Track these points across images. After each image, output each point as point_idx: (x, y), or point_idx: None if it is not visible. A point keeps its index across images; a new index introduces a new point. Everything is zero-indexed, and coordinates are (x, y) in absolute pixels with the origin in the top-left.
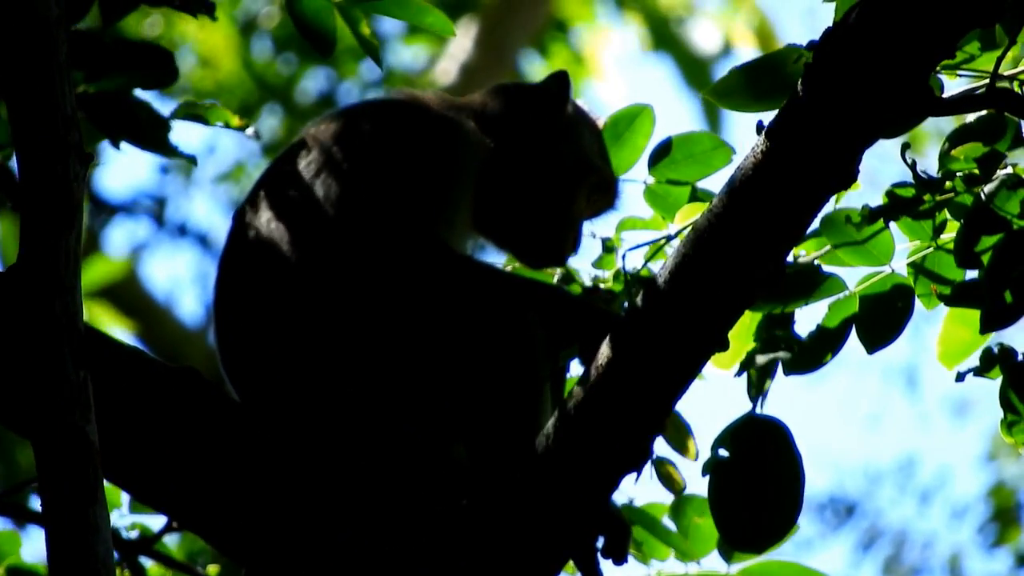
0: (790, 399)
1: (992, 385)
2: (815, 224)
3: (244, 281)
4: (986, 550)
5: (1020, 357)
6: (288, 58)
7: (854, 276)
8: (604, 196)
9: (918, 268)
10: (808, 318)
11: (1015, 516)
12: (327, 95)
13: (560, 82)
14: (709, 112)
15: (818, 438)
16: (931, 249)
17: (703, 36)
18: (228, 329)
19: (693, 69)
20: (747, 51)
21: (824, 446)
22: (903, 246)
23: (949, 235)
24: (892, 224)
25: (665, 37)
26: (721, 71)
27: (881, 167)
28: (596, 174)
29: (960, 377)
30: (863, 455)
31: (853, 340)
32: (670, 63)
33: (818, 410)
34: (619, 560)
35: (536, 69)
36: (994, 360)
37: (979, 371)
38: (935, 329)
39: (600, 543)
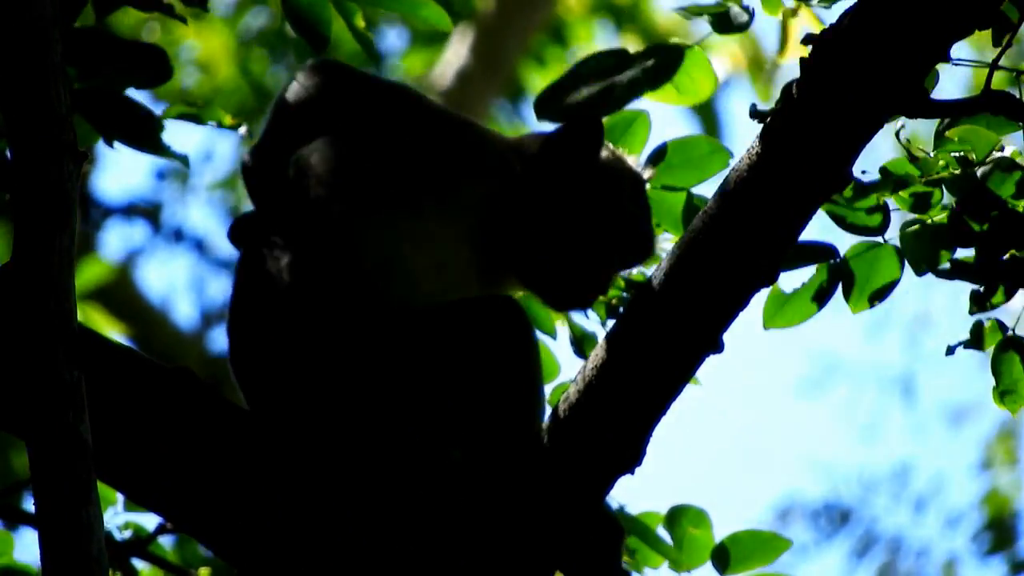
0: (787, 407)
1: (989, 395)
2: None
3: (255, 284)
4: (980, 558)
5: (1010, 332)
6: (286, 64)
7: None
8: (638, 248)
9: (911, 238)
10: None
11: (1010, 524)
12: None
13: (592, 125)
14: (707, 127)
15: (814, 446)
16: (921, 226)
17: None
18: (239, 330)
19: None
20: (743, 78)
21: (819, 454)
22: (897, 215)
23: (946, 202)
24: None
25: None
26: (721, 97)
27: (874, 171)
28: (630, 224)
29: (950, 351)
30: (858, 463)
31: (852, 347)
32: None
33: (814, 418)
34: (610, 565)
35: (533, 77)
36: (983, 332)
37: (969, 344)
38: (931, 338)
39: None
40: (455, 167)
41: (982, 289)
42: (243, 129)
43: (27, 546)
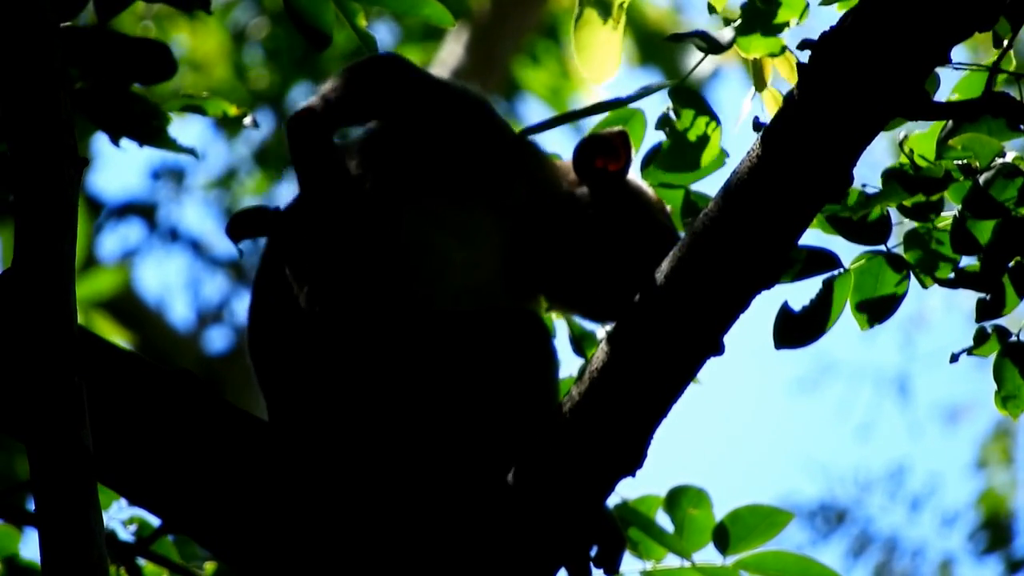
0: (783, 407)
1: (984, 395)
2: None
3: (278, 284)
4: (976, 557)
5: (1013, 338)
6: (280, 66)
7: (849, 253)
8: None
9: (914, 246)
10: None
11: (1006, 523)
12: None
13: (621, 139)
14: None
15: (809, 446)
16: (928, 231)
17: (693, 57)
18: (261, 318)
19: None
20: (736, 71)
21: (815, 454)
22: (900, 223)
23: (948, 214)
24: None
25: (654, 53)
26: (712, 90)
27: (872, 176)
28: (667, 236)
29: (954, 358)
30: (853, 462)
31: (848, 347)
32: (659, 79)
33: (810, 418)
34: (611, 571)
35: (528, 75)
36: (987, 338)
37: (972, 350)
38: (926, 337)
39: (593, 552)
40: (506, 171)
41: (988, 298)
42: (248, 119)
43: (31, 544)
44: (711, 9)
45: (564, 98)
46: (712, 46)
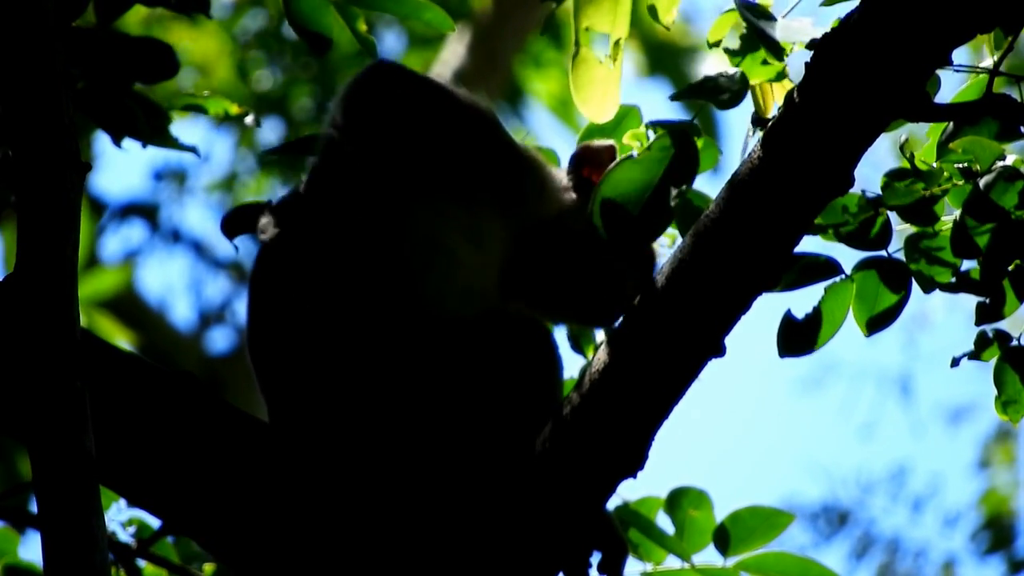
0: (785, 407)
1: (985, 395)
2: None
3: (284, 270)
4: (979, 558)
5: (1015, 342)
6: (283, 66)
7: (850, 259)
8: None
9: (915, 251)
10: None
11: (1008, 523)
12: (325, 105)
13: (609, 152)
14: (703, 122)
15: (812, 447)
16: (929, 235)
17: (703, 67)
18: (262, 318)
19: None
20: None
21: (817, 455)
22: (901, 228)
23: (948, 218)
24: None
25: (662, 63)
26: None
27: (874, 176)
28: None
29: (955, 362)
30: (856, 463)
31: (850, 347)
32: (668, 90)
33: (812, 419)
34: None
35: (530, 78)
36: (988, 342)
37: (973, 355)
38: (929, 338)
39: (596, 558)
40: (514, 177)
41: (988, 302)
42: (249, 118)
43: (32, 546)
44: (710, 45)
45: (572, 109)
46: (722, 103)
